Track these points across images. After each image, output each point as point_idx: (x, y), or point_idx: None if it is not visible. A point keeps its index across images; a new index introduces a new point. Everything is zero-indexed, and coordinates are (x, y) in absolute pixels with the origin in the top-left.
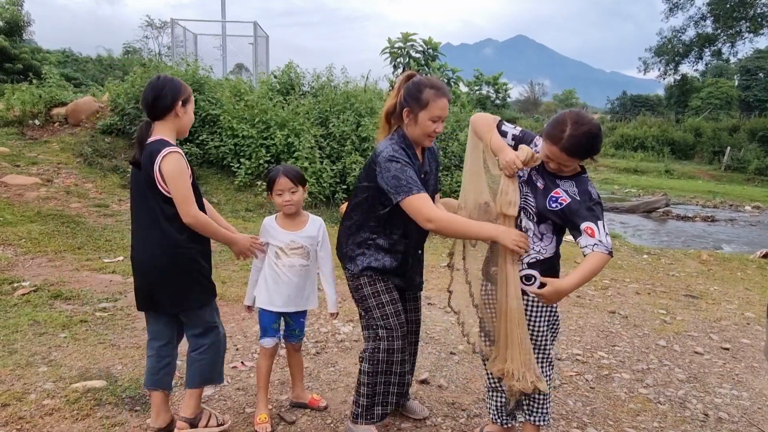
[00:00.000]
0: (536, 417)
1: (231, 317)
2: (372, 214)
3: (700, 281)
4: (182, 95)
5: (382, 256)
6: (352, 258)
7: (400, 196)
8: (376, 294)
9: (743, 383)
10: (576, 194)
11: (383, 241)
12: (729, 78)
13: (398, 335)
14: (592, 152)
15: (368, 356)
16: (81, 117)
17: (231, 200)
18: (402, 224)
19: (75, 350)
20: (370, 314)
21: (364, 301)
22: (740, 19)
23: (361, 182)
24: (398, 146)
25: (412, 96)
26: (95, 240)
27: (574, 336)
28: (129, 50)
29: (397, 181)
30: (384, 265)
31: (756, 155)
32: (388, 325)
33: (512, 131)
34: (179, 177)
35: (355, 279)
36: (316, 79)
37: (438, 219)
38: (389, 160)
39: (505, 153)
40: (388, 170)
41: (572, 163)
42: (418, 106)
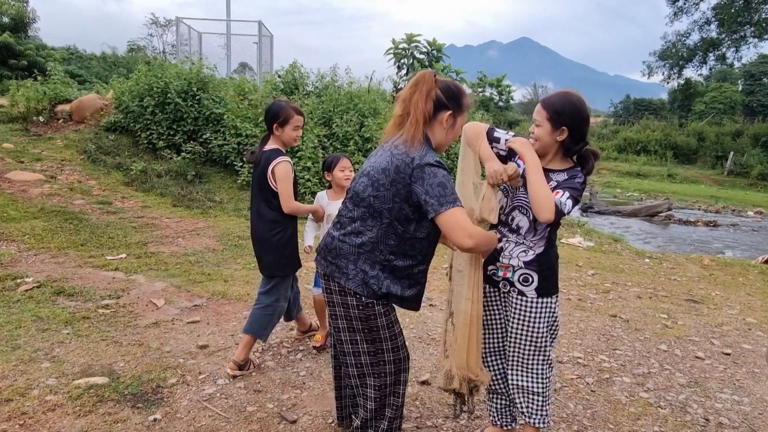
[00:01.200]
0: (536, 419)
1: (233, 316)
2: (392, 231)
3: (702, 286)
4: (277, 119)
5: (400, 280)
6: (365, 282)
7: (444, 207)
8: (390, 325)
9: (744, 388)
10: (564, 181)
11: (402, 263)
12: (733, 83)
13: (407, 366)
14: (561, 111)
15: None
16: (85, 114)
17: (234, 199)
18: (426, 244)
19: (78, 346)
20: (378, 346)
21: (374, 332)
22: (745, 24)
23: (379, 191)
24: (434, 154)
25: (456, 98)
26: (98, 237)
27: (576, 339)
28: (133, 48)
29: (443, 189)
30: (403, 290)
31: (759, 160)
32: (397, 357)
33: (505, 136)
34: (285, 179)
35: (368, 308)
36: (320, 79)
37: (477, 235)
38: (435, 165)
39: (492, 163)
40: (434, 176)
41: (540, 117)
42: (460, 111)
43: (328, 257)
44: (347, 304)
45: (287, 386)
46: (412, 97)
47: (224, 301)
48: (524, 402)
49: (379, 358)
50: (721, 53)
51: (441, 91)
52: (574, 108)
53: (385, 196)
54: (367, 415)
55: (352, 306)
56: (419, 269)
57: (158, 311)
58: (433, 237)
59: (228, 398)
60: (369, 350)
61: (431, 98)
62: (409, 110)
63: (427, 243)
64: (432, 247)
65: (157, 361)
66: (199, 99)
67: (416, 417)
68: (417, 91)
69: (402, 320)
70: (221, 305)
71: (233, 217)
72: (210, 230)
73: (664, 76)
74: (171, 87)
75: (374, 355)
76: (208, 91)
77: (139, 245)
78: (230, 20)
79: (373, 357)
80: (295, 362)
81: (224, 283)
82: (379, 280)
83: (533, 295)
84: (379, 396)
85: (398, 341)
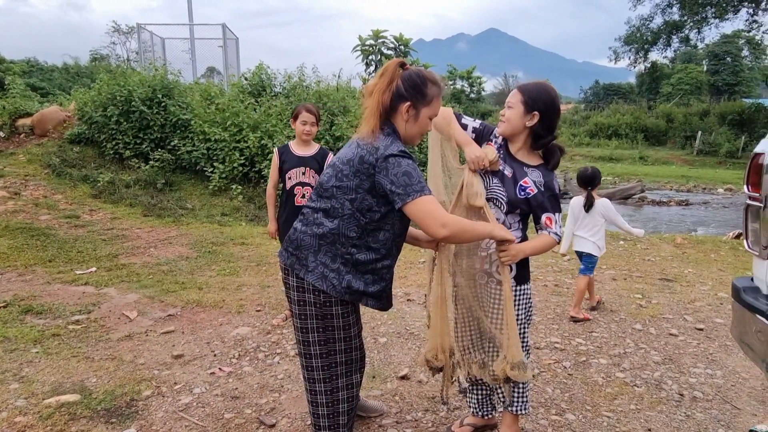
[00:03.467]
0: (517, 407)
1: (209, 323)
2: (354, 222)
3: (675, 264)
4: (292, 115)
5: (363, 275)
6: (324, 276)
7: (410, 197)
8: (346, 326)
9: (717, 362)
10: (542, 185)
11: (364, 257)
12: (698, 63)
13: (358, 367)
14: (536, 98)
15: (325, 378)
16: (48, 127)
17: (206, 205)
18: (390, 237)
19: (47, 365)
20: (331, 347)
21: (328, 332)
22: (705, 5)
23: (342, 181)
24: (400, 144)
25: (417, 90)
26: (67, 252)
27: (553, 324)
28: (96, 57)
29: (409, 178)
30: (366, 285)
31: (726, 138)
32: (349, 358)
33: (472, 124)
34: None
35: (325, 307)
36: (287, 79)
37: (452, 223)
38: (398, 155)
39: (472, 148)
40: (399, 165)
41: (514, 100)
42: (422, 102)
43: (289, 248)
44: (304, 300)
45: (265, 390)
46: (375, 88)
47: (199, 309)
48: (505, 390)
49: (330, 360)
50: (684, 35)
51: (402, 82)
52: (548, 96)
53: (348, 186)
54: (319, 422)
55: (309, 303)
56: (383, 264)
57: (131, 323)
58: (398, 230)
59: (205, 407)
60: (321, 352)
61: (390, 89)
62: None
63: (391, 236)
64: (397, 241)
65: (130, 374)
66: (165, 106)
67: (396, 412)
68: (380, 82)
69: (380, 316)
70: (196, 313)
71: (206, 223)
72: (183, 238)
73: (631, 61)
74: (135, 95)
75: (326, 357)
76: (174, 97)
77: (109, 258)
78: (193, 24)
79: (324, 359)
80: (272, 366)
81: (199, 290)
82: (340, 274)
83: (512, 284)
84: (330, 401)
85: (353, 343)
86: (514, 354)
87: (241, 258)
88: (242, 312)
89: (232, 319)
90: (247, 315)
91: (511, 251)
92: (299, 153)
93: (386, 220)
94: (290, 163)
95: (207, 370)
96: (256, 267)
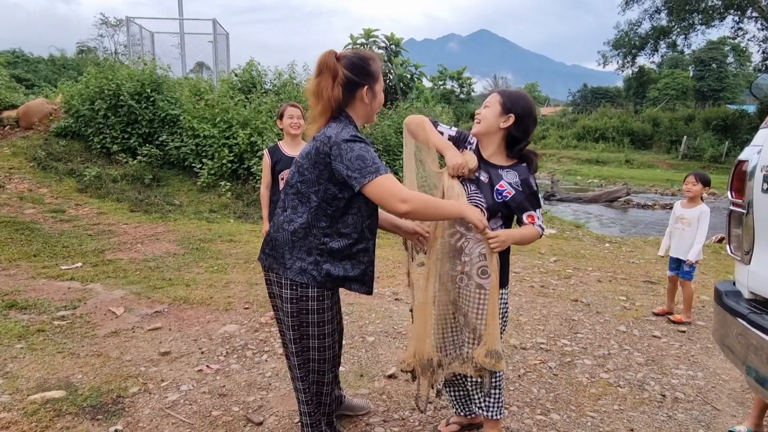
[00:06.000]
0: (493, 412)
1: (196, 320)
2: (321, 213)
3: (659, 267)
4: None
5: (341, 262)
6: (303, 270)
7: (366, 178)
8: (321, 310)
9: (698, 364)
10: (519, 185)
11: (338, 244)
12: (684, 69)
13: (332, 355)
14: (515, 103)
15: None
16: (33, 120)
17: (194, 201)
18: (359, 220)
19: (32, 361)
20: (305, 344)
21: (303, 328)
22: (693, 11)
23: (304, 175)
24: (352, 129)
25: (365, 71)
26: (52, 246)
27: (539, 325)
28: (83, 49)
29: (363, 161)
30: (345, 271)
31: (711, 143)
32: (322, 345)
33: (448, 132)
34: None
35: (302, 301)
36: (277, 76)
37: (413, 198)
38: (350, 140)
39: (453, 153)
40: (351, 150)
41: (493, 101)
42: (373, 80)
43: (266, 249)
44: (282, 296)
45: (253, 388)
46: (318, 88)
47: (186, 306)
48: (481, 396)
49: (305, 357)
50: (671, 41)
51: (348, 70)
52: (526, 103)
53: (310, 179)
54: (304, 420)
55: (286, 299)
56: (359, 248)
57: (117, 320)
58: (365, 212)
59: (192, 404)
60: (296, 350)
61: (339, 83)
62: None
63: (359, 219)
64: (367, 223)
65: (117, 370)
66: (154, 100)
67: (383, 411)
68: (322, 80)
69: (368, 315)
70: (183, 310)
71: (194, 220)
72: (170, 234)
73: (619, 65)
74: (123, 89)
75: (300, 354)
76: (162, 92)
77: (95, 253)
78: (183, 19)
79: (300, 356)
80: (260, 363)
81: (186, 287)
82: (318, 265)
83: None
84: (309, 399)
85: (326, 341)
86: (492, 342)
87: (229, 255)
88: (230, 309)
89: (220, 316)
90: (235, 312)
91: (500, 237)
92: (290, 153)
93: (352, 204)
94: (283, 163)
95: (194, 368)
96: (244, 264)
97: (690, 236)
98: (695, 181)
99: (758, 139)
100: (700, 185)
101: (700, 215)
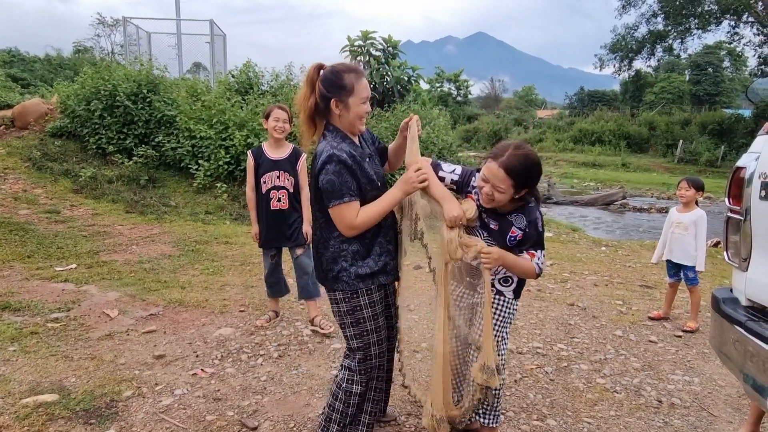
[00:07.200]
0: (490, 419)
1: (191, 323)
2: (331, 225)
3: (655, 272)
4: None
5: (362, 261)
6: (336, 277)
7: (331, 203)
8: (375, 316)
9: (695, 369)
10: (527, 227)
11: (356, 247)
12: (680, 73)
13: (387, 360)
14: (526, 177)
15: (357, 382)
16: (29, 120)
17: (190, 203)
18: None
19: (25, 363)
20: (365, 339)
21: (360, 324)
22: (689, 15)
23: (313, 195)
24: (337, 142)
25: (335, 85)
26: (46, 248)
27: (535, 329)
28: (80, 49)
29: (331, 186)
30: (371, 268)
31: (707, 147)
32: (382, 351)
33: (451, 176)
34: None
35: (352, 300)
36: (275, 78)
37: (359, 225)
38: (327, 162)
39: (450, 206)
40: (327, 173)
41: (505, 185)
42: (345, 93)
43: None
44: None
45: (248, 392)
46: (302, 98)
47: (181, 308)
48: (479, 405)
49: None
50: (668, 45)
51: (321, 84)
52: (537, 170)
53: (316, 196)
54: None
55: (334, 309)
56: (377, 242)
57: (112, 322)
58: None
59: (186, 408)
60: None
61: (315, 95)
62: None
63: None
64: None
65: (110, 374)
66: (150, 101)
67: None
68: (305, 91)
69: None
70: (178, 313)
71: (189, 221)
72: (166, 236)
73: (615, 68)
74: (119, 89)
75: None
76: (159, 92)
77: (90, 254)
78: (180, 19)
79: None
80: (255, 367)
81: (181, 290)
82: (347, 271)
83: (511, 296)
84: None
85: (379, 322)
86: (488, 357)
87: (225, 257)
88: (225, 312)
89: (215, 319)
90: (231, 315)
91: (493, 255)
92: (273, 156)
93: None
94: (264, 167)
95: (189, 371)
96: (240, 266)
97: (689, 240)
98: (688, 186)
99: (756, 145)
100: (693, 190)
101: (697, 219)
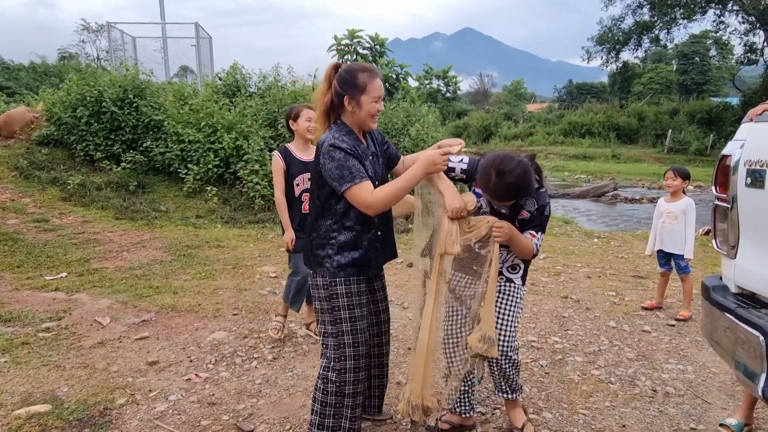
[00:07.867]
0: (517, 393)
1: (184, 328)
2: (327, 211)
3: (647, 261)
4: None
5: (348, 252)
6: (320, 263)
7: (344, 186)
8: (351, 306)
9: (688, 358)
10: (535, 210)
11: (344, 237)
12: (668, 63)
13: (364, 352)
14: (518, 193)
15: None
16: (14, 128)
17: (180, 207)
18: (360, 215)
19: (17, 374)
20: (338, 327)
21: (335, 312)
22: (674, 5)
23: (314, 181)
24: (339, 134)
25: (349, 83)
26: (36, 257)
27: (529, 323)
28: (65, 56)
29: (340, 170)
30: (354, 259)
31: (696, 137)
32: (356, 341)
33: (460, 165)
34: (274, 171)
35: (330, 287)
36: (262, 79)
37: (375, 200)
38: (331, 149)
39: (452, 198)
40: (332, 159)
41: (505, 204)
42: (357, 92)
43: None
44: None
45: (243, 396)
46: (319, 94)
47: (174, 314)
48: (505, 383)
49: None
50: (654, 35)
51: (337, 81)
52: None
53: (318, 182)
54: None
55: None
56: (365, 238)
57: (104, 330)
58: None
59: (181, 414)
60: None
61: (331, 92)
62: None
63: (361, 212)
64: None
65: (104, 382)
66: (137, 106)
67: None
68: (322, 88)
69: None
70: (171, 318)
71: (180, 226)
72: (157, 241)
73: (603, 60)
74: (105, 95)
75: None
76: (146, 97)
77: (80, 262)
78: (165, 23)
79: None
80: (250, 370)
81: (173, 295)
82: (331, 258)
83: (519, 282)
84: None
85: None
86: (488, 328)
87: (217, 261)
88: (219, 316)
89: (209, 323)
90: (224, 319)
91: (505, 228)
92: (303, 158)
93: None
94: (296, 168)
95: (183, 377)
96: (232, 270)
97: (679, 229)
98: (674, 175)
99: (741, 133)
100: (680, 179)
101: (686, 208)
